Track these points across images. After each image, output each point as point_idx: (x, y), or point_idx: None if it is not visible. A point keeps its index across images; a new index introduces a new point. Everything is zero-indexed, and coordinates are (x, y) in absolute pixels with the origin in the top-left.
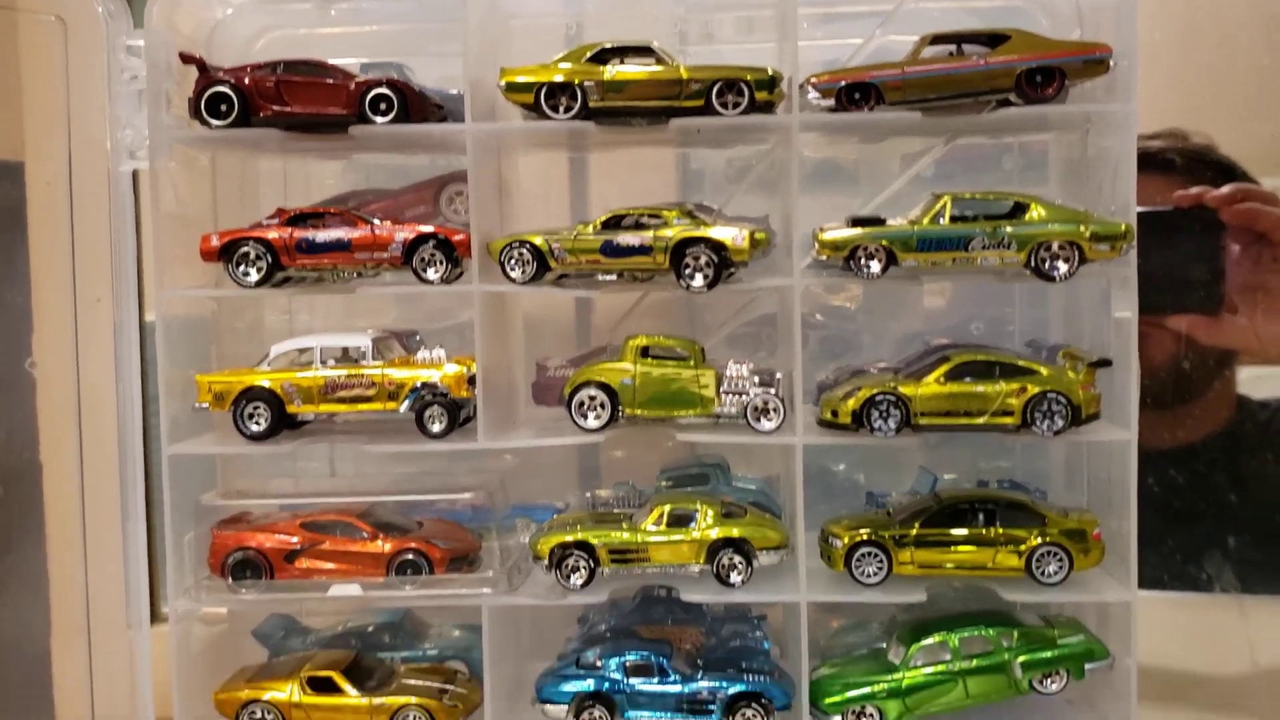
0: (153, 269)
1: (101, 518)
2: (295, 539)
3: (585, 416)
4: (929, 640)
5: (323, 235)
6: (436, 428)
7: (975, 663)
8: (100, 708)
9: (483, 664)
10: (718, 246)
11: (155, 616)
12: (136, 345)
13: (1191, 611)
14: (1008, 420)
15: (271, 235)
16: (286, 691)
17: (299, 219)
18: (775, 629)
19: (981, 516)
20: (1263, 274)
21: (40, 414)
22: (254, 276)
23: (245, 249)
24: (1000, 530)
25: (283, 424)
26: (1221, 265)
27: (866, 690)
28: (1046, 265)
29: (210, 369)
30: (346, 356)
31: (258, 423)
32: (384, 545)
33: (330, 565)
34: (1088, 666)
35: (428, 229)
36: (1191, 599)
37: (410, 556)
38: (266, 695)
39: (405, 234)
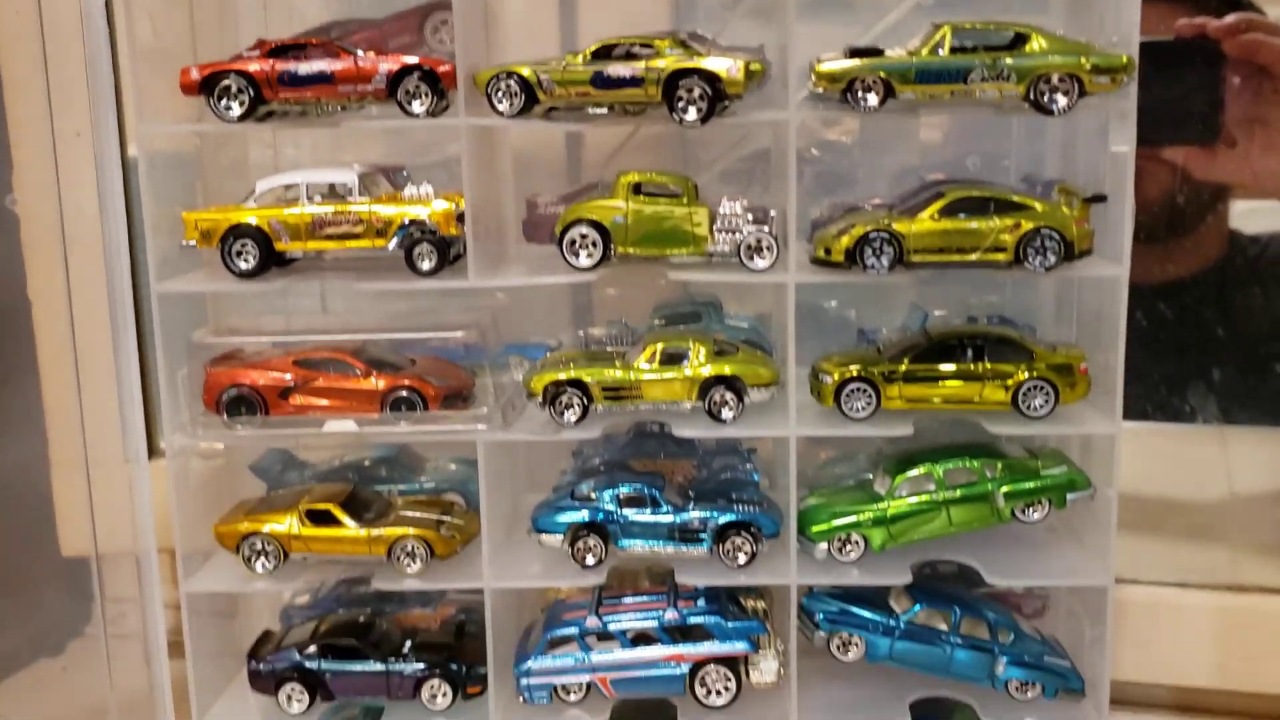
0: (132, 103)
1: (94, 354)
2: (289, 376)
3: (577, 255)
4: (914, 471)
5: (305, 68)
6: (426, 265)
7: (959, 493)
8: (103, 539)
9: (479, 497)
10: (712, 78)
11: (152, 451)
12: (119, 180)
13: (1173, 441)
14: (1000, 256)
15: (253, 68)
16: (285, 524)
17: (281, 51)
18: (765, 461)
19: (970, 352)
20: (1262, 107)
21: (26, 251)
22: (236, 111)
23: (226, 82)
24: (988, 365)
25: (271, 261)
26: (1221, 97)
27: (852, 519)
28: (1045, 98)
29: (196, 206)
30: (333, 193)
31: (246, 260)
32: (378, 382)
33: (324, 402)
34: (1069, 497)
35: (412, 60)
36: (1174, 429)
37: (404, 394)
38: (266, 528)
39: (389, 65)
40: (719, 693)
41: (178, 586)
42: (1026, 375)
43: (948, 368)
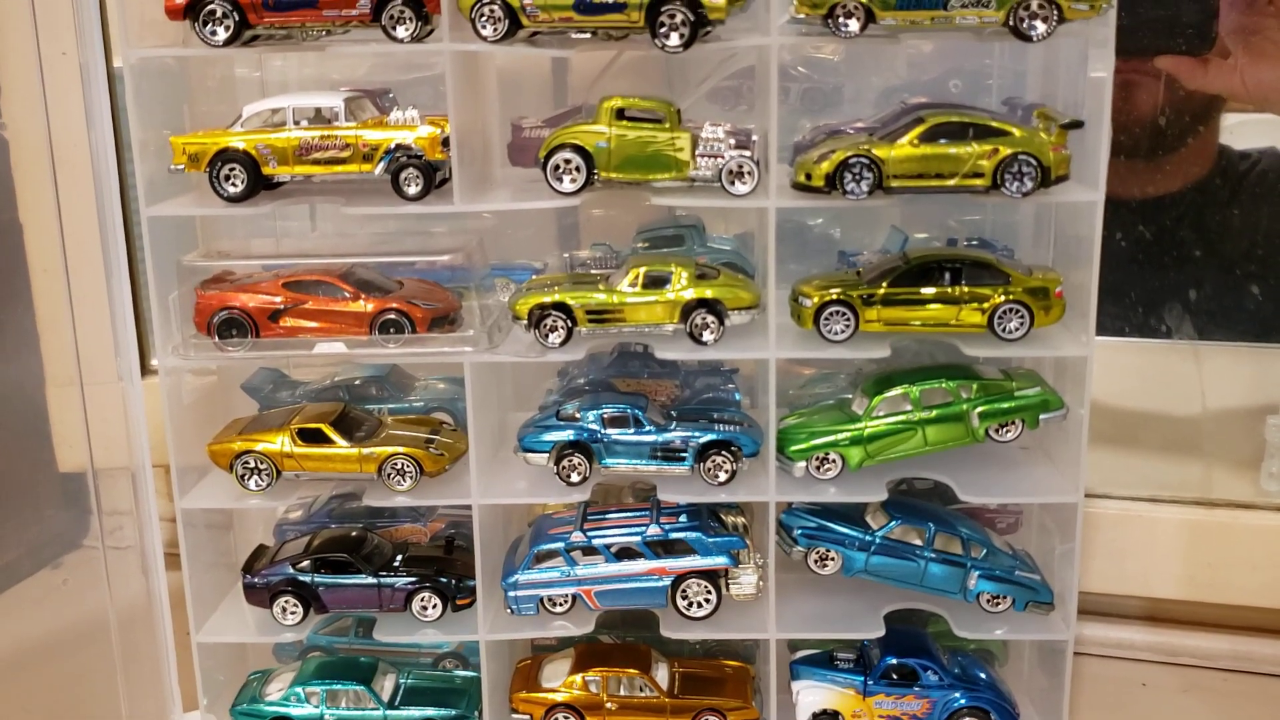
0: (118, 26)
1: (85, 276)
2: (278, 299)
3: (560, 180)
4: (891, 392)
5: None
6: (412, 190)
7: (934, 413)
8: (98, 456)
9: (467, 416)
10: (694, 3)
11: (145, 371)
12: (107, 101)
13: (1148, 357)
14: (979, 182)
15: None
16: (278, 443)
17: None
18: (746, 381)
19: (948, 275)
20: (1256, 17)
21: (15, 174)
22: (221, 35)
23: (211, 6)
24: (965, 289)
25: (259, 185)
26: (1214, 6)
27: (830, 439)
28: (1024, 25)
29: (184, 129)
30: (319, 117)
31: (234, 184)
32: (366, 305)
33: (314, 324)
34: (1042, 417)
35: None
36: (1149, 345)
37: (392, 316)
38: (258, 446)
39: None
40: (700, 604)
41: (173, 501)
42: (1003, 298)
43: (926, 291)
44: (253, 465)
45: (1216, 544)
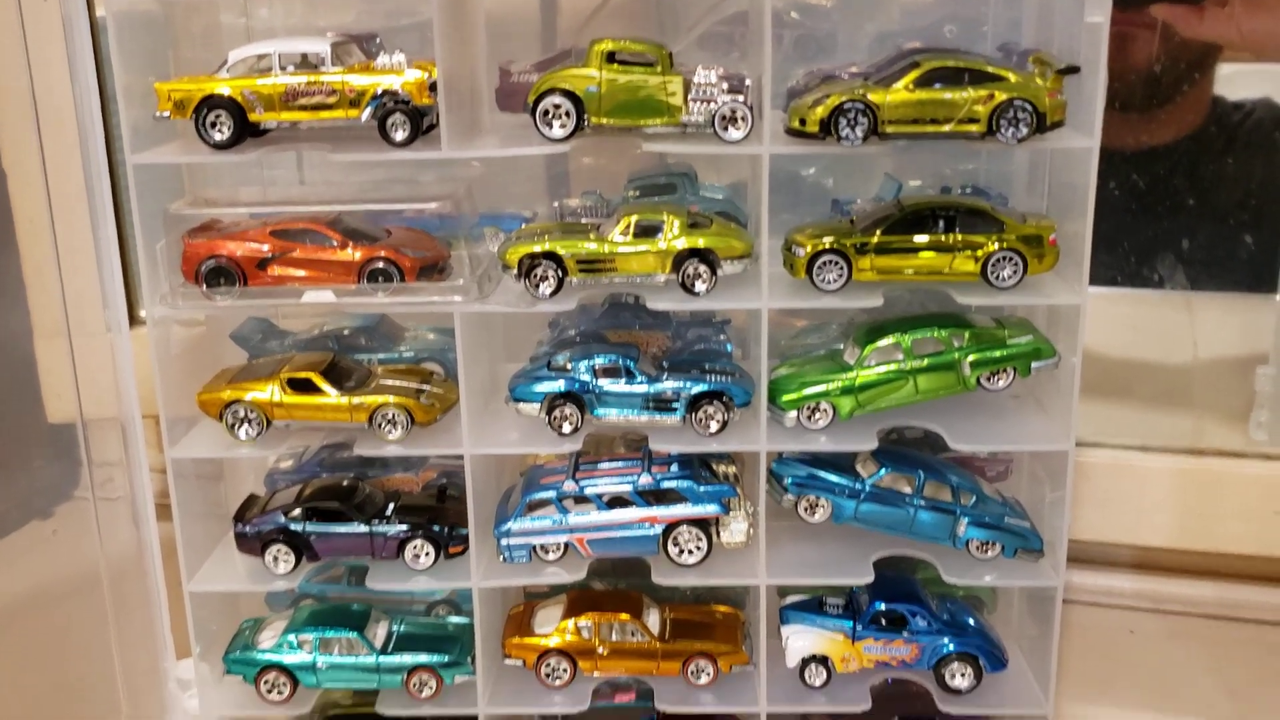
0: None
1: (71, 225)
2: (266, 247)
3: (550, 125)
4: (883, 341)
5: None
6: (400, 136)
7: (926, 362)
8: (88, 408)
9: (457, 366)
10: None
11: (133, 321)
12: (90, 48)
13: (1140, 307)
14: (973, 128)
15: None
16: (267, 392)
17: None
18: (738, 332)
19: (941, 223)
20: None
21: None
22: None
23: None
24: (959, 237)
25: (246, 132)
26: None
27: (821, 389)
28: None
29: (168, 75)
30: (306, 63)
31: (220, 131)
32: (354, 253)
33: (302, 273)
34: (1034, 365)
35: None
36: (1142, 295)
37: (380, 264)
38: (248, 395)
39: None
40: (690, 552)
41: (163, 452)
42: (996, 246)
43: (919, 239)
44: (242, 415)
45: (1206, 493)
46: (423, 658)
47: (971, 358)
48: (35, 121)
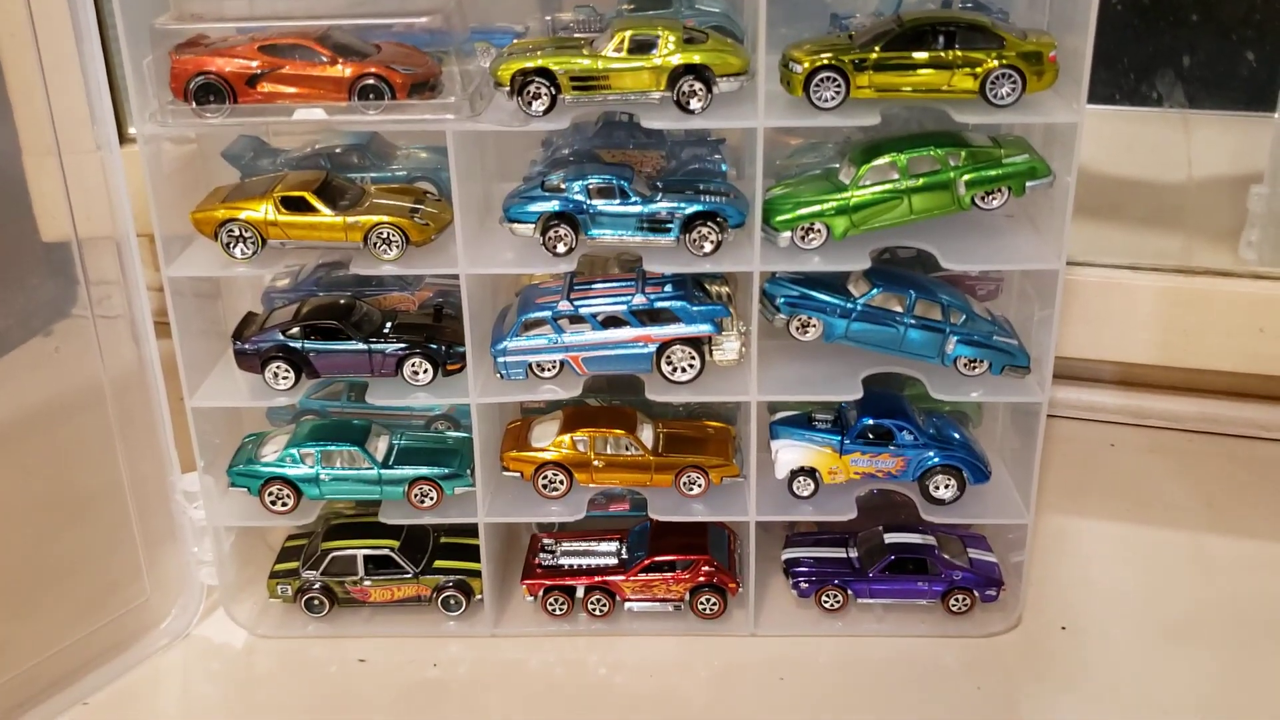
0: None
1: (55, 40)
2: (255, 63)
3: None
4: (879, 160)
5: None
6: None
7: (921, 181)
8: (81, 226)
9: (451, 186)
10: None
11: (123, 140)
12: None
13: (1137, 125)
14: None
15: None
16: (261, 211)
17: None
18: (733, 151)
19: (941, 39)
20: None
21: None
22: None
23: None
24: (959, 53)
25: None
26: None
27: (815, 209)
28: None
29: None
30: None
31: None
32: (344, 70)
33: (292, 90)
34: (1029, 184)
35: None
36: (1139, 113)
37: (371, 81)
38: (242, 214)
39: None
40: (684, 370)
41: (159, 271)
42: (996, 63)
43: (919, 55)
44: (237, 233)
45: (1193, 311)
46: (423, 470)
47: (967, 177)
48: None
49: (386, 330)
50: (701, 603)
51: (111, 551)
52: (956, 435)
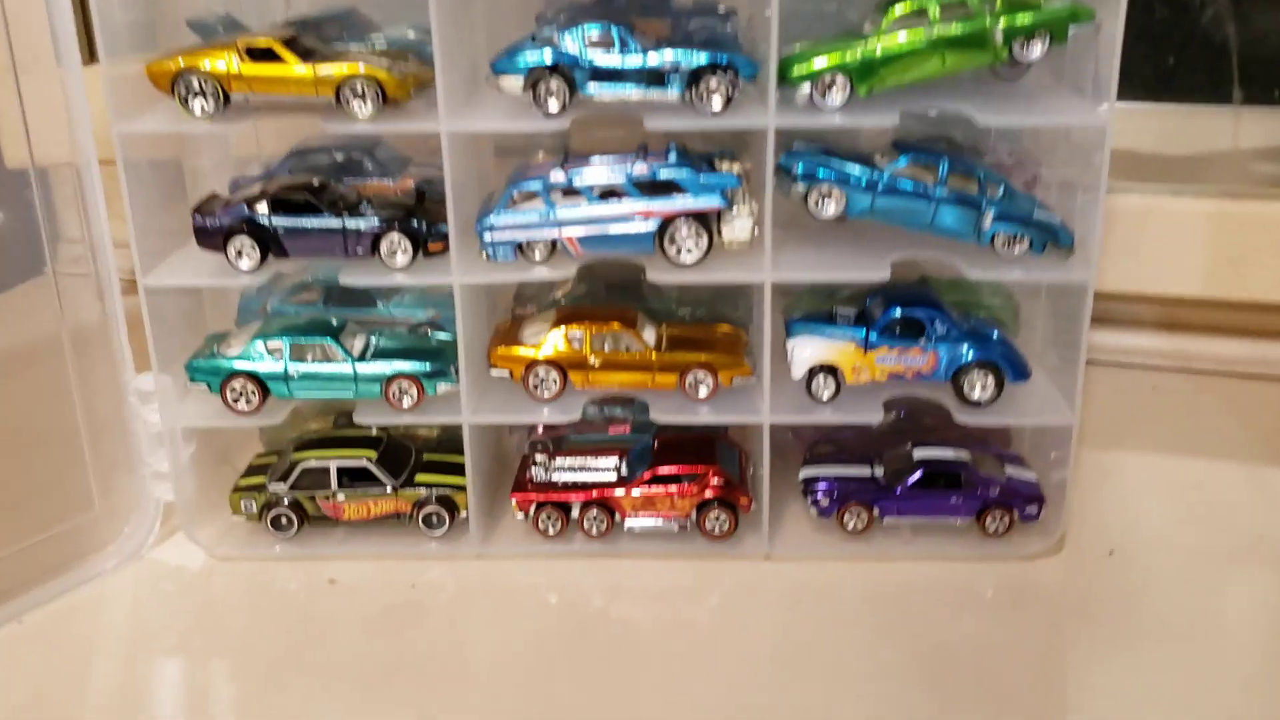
0: None
1: None
2: None
3: None
4: (907, 7)
5: None
6: None
7: (954, 29)
8: (39, 148)
9: (434, 59)
10: None
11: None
12: None
13: None
14: None
15: None
16: (224, 61)
17: None
18: (744, 22)
19: None
20: None
21: None
22: None
23: None
24: None
25: None
26: None
27: (836, 59)
28: None
29: None
30: None
31: None
32: None
33: None
34: (1072, 29)
35: None
36: None
37: None
38: (203, 64)
39: None
40: (689, 250)
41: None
42: None
43: None
44: (197, 86)
45: (1242, 237)
46: (403, 365)
47: (1003, 23)
48: None
49: (363, 207)
50: (710, 520)
51: (59, 467)
52: (994, 334)
